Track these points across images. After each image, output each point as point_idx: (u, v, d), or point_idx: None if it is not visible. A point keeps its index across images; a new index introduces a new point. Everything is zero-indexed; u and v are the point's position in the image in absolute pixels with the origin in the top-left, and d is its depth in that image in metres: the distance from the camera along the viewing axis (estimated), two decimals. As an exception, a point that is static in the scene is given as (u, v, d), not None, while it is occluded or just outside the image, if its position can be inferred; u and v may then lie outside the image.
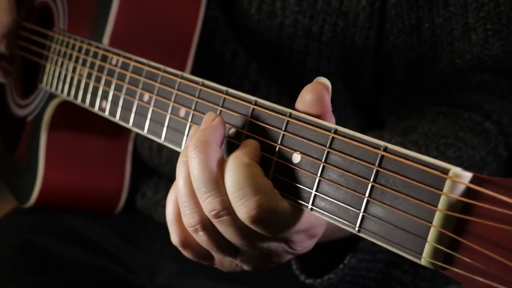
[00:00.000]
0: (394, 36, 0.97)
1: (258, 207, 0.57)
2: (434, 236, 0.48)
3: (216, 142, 0.61)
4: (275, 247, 0.63)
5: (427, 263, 0.49)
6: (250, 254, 0.64)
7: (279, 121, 0.60)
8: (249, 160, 0.59)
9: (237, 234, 0.61)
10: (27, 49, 1.10)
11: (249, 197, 0.57)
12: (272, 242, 0.62)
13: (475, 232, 0.46)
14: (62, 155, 1.01)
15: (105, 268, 1.06)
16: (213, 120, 0.62)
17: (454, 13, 0.95)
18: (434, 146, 0.86)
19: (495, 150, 0.89)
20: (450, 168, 0.48)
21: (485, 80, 0.95)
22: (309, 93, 0.59)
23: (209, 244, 0.64)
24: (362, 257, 0.83)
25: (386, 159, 0.51)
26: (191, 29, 0.95)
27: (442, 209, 0.48)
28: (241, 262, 0.66)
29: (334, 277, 0.82)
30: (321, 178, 0.56)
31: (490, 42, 0.94)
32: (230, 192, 0.58)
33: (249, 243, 0.61)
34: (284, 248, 0.63)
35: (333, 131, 0.56)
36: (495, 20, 0.94)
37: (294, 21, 0.97)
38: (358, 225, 0.53)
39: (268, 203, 0.57)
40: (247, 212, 0.57)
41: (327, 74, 1.00)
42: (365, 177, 0.53)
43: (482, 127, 0.90)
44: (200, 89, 0.69)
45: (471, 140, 0.89)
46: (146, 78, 0.78)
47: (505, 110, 0.92)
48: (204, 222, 0.62)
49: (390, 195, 0.51)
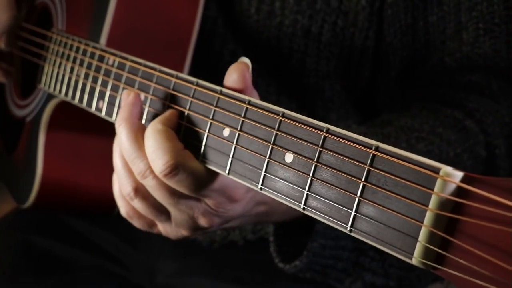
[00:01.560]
0: (391, 36, 0.97)
1: (168, 164, 0.66)
2: (425, 235, 0.48)
3: (135, 116, 0.72)
4: (197, 206, 0.72)
5: (418, 263, 0.48)
6: (179, 216, 0.73)
7: (272, 121, 0.60)
8: (162, 126, 0.68)
9: (161, 192, 0.70)
10: (26, 49, 1.10)
11: (160, 156, 0.66)
12: (192, 201, 0.71)
13: (466, 232, 0.46)
14: (61, 155, 1.01)
15: (104, 268, 1.07)
16: (129, 97, 0.72)
17: (447, 12, 0.95)
18: (405, 139, 0.87)
19: (472, 148, 0.89)
20: (441, 167, 0.47)
21: (474, 80, 0.95)
22: (234, 72, 0.68)
23: (146, 209, 0.73)
24: (324, 242, 0.85)
25: (378, 158, 0.51)
26: (189, 29, 0.95)
27: (433, 209, 0.47)
28: (176, 227, 0.75)
29: (300, 264, 0.86)
30: (313, 177, 0.56)
31: (480, 41, 0.94)
32: (148, 154, 0.68)
33: (172, 201, 0.70)
34: (205, 208, 0.72)
35: (325, 130, 0.56)
36: (488, 19, 0.94)
37: (293, 21, 0.97)
38: (350, 225, 0.53)
39: (178, 161, 0.66)
40: (159, 168, 0.66)
41: (326, 74, 1.00)
42: (357, 176, 0.52)
43: (463, 124, 0.91)
44: (194, 89, 0.69)
45: (449, 136, 0.89)
46: (142, 78, 0.78)
47: (489, 110, 0.92)
48: (138, 188, 0.72)
49: (382, 194, 0.51)
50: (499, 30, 0.94)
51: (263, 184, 0.60)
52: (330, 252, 0.88)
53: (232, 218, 0.75)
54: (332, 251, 0.87)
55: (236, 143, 0.63)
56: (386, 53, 0.98)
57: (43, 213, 1.11)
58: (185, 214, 0.72)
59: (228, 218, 0.74)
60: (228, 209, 0.72)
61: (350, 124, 0.97)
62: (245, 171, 0.62)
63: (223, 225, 0.77)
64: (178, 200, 0.71)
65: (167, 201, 0.71)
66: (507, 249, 0.43)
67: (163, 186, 0.69)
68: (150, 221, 0.77)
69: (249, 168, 0.62)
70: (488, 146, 0.91)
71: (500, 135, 0.91)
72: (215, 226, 0.75)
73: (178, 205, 0.71)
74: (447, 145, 0.88)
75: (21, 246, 1.07)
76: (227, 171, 0.64)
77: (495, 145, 0.91)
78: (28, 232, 1.09)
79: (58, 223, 1.11)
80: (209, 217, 0.73)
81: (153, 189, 0.70)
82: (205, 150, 0.67)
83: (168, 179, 0.67)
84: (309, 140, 0.57)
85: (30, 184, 1.04)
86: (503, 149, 0.91)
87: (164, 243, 1.09)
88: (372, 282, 0.93)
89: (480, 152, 0.90)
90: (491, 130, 0.91)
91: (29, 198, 1.06)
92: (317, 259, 0.87)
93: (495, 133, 0.91)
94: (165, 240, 1.09)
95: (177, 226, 0.75)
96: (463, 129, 0.90)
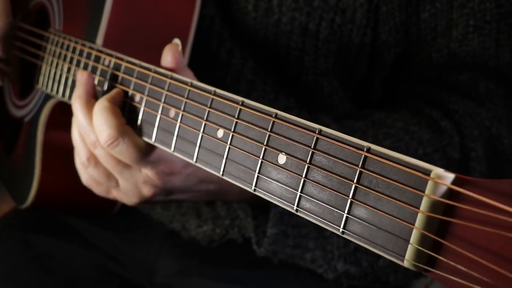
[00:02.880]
0: (386, 34, 0.97)
1: (110, 136, 0.76)
2: (416, 238, 0.47)
3: (88, 93, 0.81)
4: (138, 175, 0.81)
5: (410, 265, 0.48)
6: (125, 184, 0.83)
7: (265, 122, 0.60)
8: (107, 103, 0.77)
9: (109, 161, 0.80)
10: (24, 50, 1.10)
11: (105, 129, 0.76)
12: (134, 170, 0.81)
13: (458, 234, 0.46)
14: (59, 155, 1.01)
15: (103, 267, 1.07)
16: (82, 76, 0.81)
17: (440, 8, 0.95)
18: (372, 134, 0.90)
19: (445, 149, 0.89)
20: (432, 169, 0.47)
21: (460, 80, 0.95)
22: (167, 53, 0.78)
23: (98, 175, 0.84)
24: (284, 229, 0.90)
25: (369, 160, 0.51)
26: (186, 28, 0.95)
27: (424, 211, 0.47)
28: (126, 195, 0.86)
29: (264, 251, 0.94)
30: (306, 179, 0.55)
31: (469, 38, 0.94)
32: (95, 127, 0.77)
33: (118, 169, 0.81)
34: (145, 178, 0.81)
35: (318, 131, 0.55)
36: (479, 17, 0.94)
37: (291, 19, 0.97)
38: (342, 227, 0.52)
39: (119, 133, 0.75)
40: (104, 139, 0.76)
41: (325, 71, 1.00)
42: (349, 178, 0.52)
43: (439, 125, 0.90)
44: (189, 89, 0.69)
45: (422, 135, 0.89)
46: (137, 79, 0.78)
47: (469, 112, 0.92)
48: (90, 157, 0.83)
49: (373, 196, 0.50)
50: (489, 28, 0.94)
51: (256, 185, 0.60)
52: (295, 241, 0.92)
53: (173, 189, 0.84)
54: (297, 239, 0.92)
55: (230, 144, 0.63)
56: (381, 51, 0.98)
57: (42, 213, 1.11)
58: (129, 182, 0.83)
59: (168, 189, 0.83)
60: (166, 180, 0.81)
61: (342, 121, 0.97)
62: (239, 172, 0.62)
63: (168, 196, 0.86)
64: (122, 169, 0.81)
65: (114, 169, 0.81)
66: (499, 251, 0.43)
67: (110, 156, 0.80)
68: (106, 187, 0.87)
69: (242, 169, 0.61)
70: (463, 148, 0.90)
71: (477, 138, 0.90)
72: (158, 196, 0.85)
73: (122, 173, 0.82)
74: (417, 144, 0.88)
75: (20, 245, 1.07)
76: (221, 172, 0.64)
77: (470, 147, 0.90)
78: (27, 231, 1.09)
79: (57, 223, 1.11)
80: (150, 186, 0.82)
81: (102, 158, 0.81)
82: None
83: (111, 149, 0.77)
84: (302, 141, 0.56)
85: (28, 185, 1.05)
86: (479, 153, 0.90)
87: (163, 243, 1.09)
88: (346, 270, 0.94)
89: (452, 153, 0.89)
90: (468, 132, 0.90)
91: (27, 199, 1.06)
92: (279, 247, 0.92)
93: (472, 135, 0.90)
94: (165, 240, 1.10)
95: (126, 193, 0.85)
96: (438, 129, 0.90)
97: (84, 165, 0.84)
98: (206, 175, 0.82)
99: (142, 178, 0.82)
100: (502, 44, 0.94)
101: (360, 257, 0.94)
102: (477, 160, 0.90)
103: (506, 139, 0.92)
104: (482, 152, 0.91)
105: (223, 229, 1.04)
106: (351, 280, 0.96)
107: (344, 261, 0.94)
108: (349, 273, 0.95)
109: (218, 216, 1.04)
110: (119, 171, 0.82)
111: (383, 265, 0.95)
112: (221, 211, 1.04)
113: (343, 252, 0.93)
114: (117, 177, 0.84)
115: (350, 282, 0.96)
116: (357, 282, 0.96)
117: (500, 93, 0.95)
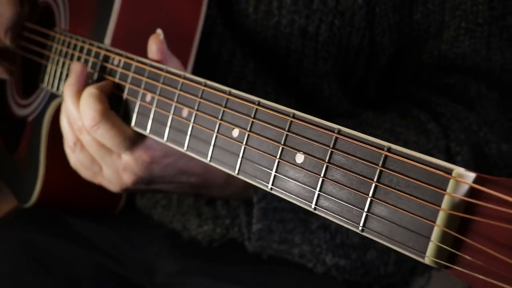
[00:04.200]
0: (380, 35, 0.98)
1: (93, 119, 0.80)
2: (437, 235, 0.48)
3: (79, 83, 0.85)
4: (119, 161, 0.85)
5: (431, 262, 0.49)
6: (107, 170, 0.87)
7: (282, 122, 0.61)
8: (95, 90, 0.82)
9: (93, 146, 0.85)
10: (28, 49, 1.10)
11: (89, 112, 0.81)
12: (115, 156, 0.85)
13: (479, 232, 0.47)
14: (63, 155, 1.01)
15: (104, 267, 1.07)
16: (76, 66, 0.85)
17: (432, 10, 0.95)
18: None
19: (430, 152, 0.90)
20: (453, 168, 0.48)
21: (451, 83, 0.95)
22: (152, 45, 0.82)
23: (84, 160, 0.88)
24: (269, 224, 0.92)
25: (390, 159, 0.52)
26: (193, 29, 0.95)
27: (446, 209, 0.48)
28: (109, 181, 0.89)
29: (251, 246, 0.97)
30: (325, 178, 0.56)
31: (460, 40, 0.95)
32: (81, 111, 0.82)
33: (101, 153, 0.85)
34: (125, 164, 0.85)
35: (337, 131, 0.56)
36: (471, 19, 0.94)
37: (290, 21, 0.97)
38: (361, 225, 0.53)
39: (101, 117, 0.80)
40: (87, 122, 0.81)
41: (324, 74, 1.00)
42: (369, 177, 0.53)
43: (425, 127, 0.91)
44: (203, 89, 0.70)
45: (408, 137, 0.90)
46: (148, 78, 0.78)
47: (457, 116, 0.92)
48: (77, 142, 0.87)
49: (394, 195, 0.51)
50: (481, 30, 0.94)
51: (273, 184, 0.61)
52: (280, 236, 0.94)
53: (153, 179, 0.87)
54: (282, 235, 0.94)
55: (245, 144, 0.64)
56: (377, 53, 0.99)
57: (43, 212, 1.11)
58: (111, 168, 0.87)
59: (148, 177, 0.86)
60: (145, 167, 0.85)
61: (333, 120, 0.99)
62: (255, 171, 0.63)
63: (149, 186, 0.89)
64: (104, 154, 0.85)
65: (97, 153, 0.85)
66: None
67: (93, 140, 0.84)
68: (92, 173, 0.91)
69: (259, 169, 0.62)
70: (449, 151, 0.91)
71: (464, 142, 0.91)
72: (139, 184, 0.88)
73: (104, 159, 0.86)
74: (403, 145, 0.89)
75: (21, 245, 1.07)
76: (237, 171, 0.65)
77: (457, 151, 0.91)
78: (28, 231, 1.09)
79: (58, 223, 1.11)
80: (130, 173, 0.86)
81: (87, 144, 0.85)
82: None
83: (94, 131, 0.81)
84: (320, 141, 0.57)
85: (32, 184, 1.04)
86: (466, 157, 0.91)
87: (164, 243, 1.09)
88: (335, 263, 0.95)
89: (438, 156, 0.88)
90: (455, 136, 0.91)
91: (31, 198, 1.06)
92: (265, 243, 0.94)
93: (458, 139, 0.91)
94: (165, 240, 1.10)
95: (108, 180, 0.89)
96: (425, 132, 0.91)
97: (71, 149, 0.89)
98: (187, 167, 0.87)
99: (122, 165, 0.85)
100: (494, 47, 0.95)
101: (348, 250, 0.95)
102: (464, 164, 0.90)
103: (495, 144, 0.92)
104: (469, 156, 0.91)
105: (224, 229, 1.05)
106: (341, 273, 0.97)
107: (333, 254, 0.95)
108: (339, 266, 0.96)
109: (218, 215, 1.04)
110: (101, 156, 0.86)
111: (371, 258, 0.96)
112: (221, 210, 1.04)
113: (331, 246, 0.95)
114: (100, 162, 0.88)
115: (341, 276, 0.98)
116: (348, 276, 0.98)
117: (493, 97, 0.95)
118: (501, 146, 0.92)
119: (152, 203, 1.12)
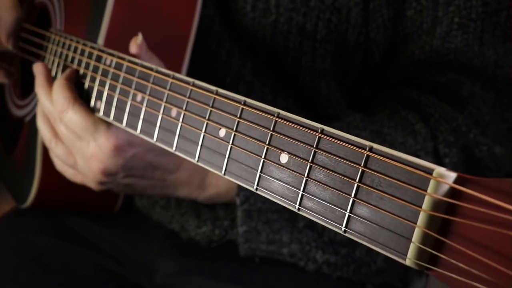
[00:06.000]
0: (374, 32, 0.97)
1: (62, 104, 0.86)
2: (418, 236, 0.48)
3: (46, 80, 0.92)
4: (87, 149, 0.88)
5: (412, 263, 0.48)
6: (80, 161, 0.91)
7: (267, 121, 0.60)
8: (63, 81, 0.88)
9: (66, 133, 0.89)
10: (25, 49, 1.10)
11: (58, 99, 0.87)
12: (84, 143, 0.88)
13: (460, 233, 0.46)
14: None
15: (103, 267, 1.07)
16: (38, 67, 0.92)
17: (425, 6, 0.95)
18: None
19: (418, 153, 0.89)
20: (434, 168, 0.47)
21: (443, 82, 0.94)
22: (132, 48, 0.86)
23: (62, 152, 0.92)
24: (255, 226, 0.93)
25: (372, 159, 0.51)
26: (187, 29, 0.95)
27: (427, 210, 0.47)
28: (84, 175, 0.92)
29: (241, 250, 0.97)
30: (308, 178, 0.56)
31: (452, 35, 0.93)
32: (53, 101, 0.88)
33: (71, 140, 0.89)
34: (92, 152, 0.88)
35: (320, 131, 0.56)
36: (464, 14, 0.93)
37: (288, 19, 0.97)
38: (344, 226, 0.53)
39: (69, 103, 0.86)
40: (58, 108, 0.87)
41: (322, 72, 1.00)
42: (351, 177, 0.52)
43: (413, 128, 0.90)
44: (191, 89, 0.69)
45: (395, 138, 0.89)
46: (139, 78, 0.78)
47: (446, 117, 0.91)
48: (54, 135, 0.92)
49: (375, 195, 0.51)
50: (474, 26, 0.93)
51: (258, 184, 0.60)
52: (268, 237, 0.94)
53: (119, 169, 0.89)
54: (270, 235, 0.95)
55: (232, 143, 0.63)
56: (371, 50, 0.98)
57: (42, 213, 1.11)
58: (82, 157, 0.90)
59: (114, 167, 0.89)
60: (109, 155, 0.87)
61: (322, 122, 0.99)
62: (241, 171, 0.62)
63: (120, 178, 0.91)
64: (75, 140, 0.89)
65: (69, 140, 0.89)
66: (500, 249, 0.43)
67: (66, 128, 0.88)
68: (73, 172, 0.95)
69: (244, 169, 0.62)
70: (437, 153, 0.90)
71: (453, 144, 0.90)
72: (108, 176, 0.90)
73: (75, 146, 0.89)
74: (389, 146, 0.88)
75: (20, 245, 1.07)
76: (223, 171, 0.64)
77: (445, 153, 0.90)
78: (27, 231, 1.09)
79: (57, 223, 1.11)
80: (96, 161, 0.88)
81: (61, 133, 0.90)
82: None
83: (64, 116, 0.86)
84: (304, 141, 0.57)
85: (29, 184, 1.05)
86: (455, 159, 0.90)
87: (163, 243, 1.09)
88: (326, 260, 0.95)
89: (425, 158, 0.88)
90: (443, 138, 0.90)
91: (28, 198, 1.06)
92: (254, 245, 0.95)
93: (447, 141, 0.90)
94: (164, 240, 1.10)
95: (83, 174, 0.92)
96: (412, 133, 0.90)
97: (50, 142, 0.93)
98: (158, 161, 0.90)
99: (89, 153, 0.88)
100: (486, 43, 0.94)
101: (337, 247, 0.95)
102: (453, 166, 0.89)
103: (486, 147, 0.91)
104: (459, 158, 0.90)
105: (223, 230, 1.04)
106: (333, 270, 0.97)
107: (323, 251, 0.95)
108: (330, 262, 0.96)
109: (217, 217, 1.04)
110: (72, 143, 0.89)
111: (360, 255, 0.96)
112: (220, 212, 1.04)
113: (320, 243, 0.95)
114: (73, 152, 0.91)
115: (333, 273, 0.98)
116: (340, 272, 0.98)
117: (488, 98, 0.94)
118: (493, 148, 0.91)
119: (150, 203, 1.12)
